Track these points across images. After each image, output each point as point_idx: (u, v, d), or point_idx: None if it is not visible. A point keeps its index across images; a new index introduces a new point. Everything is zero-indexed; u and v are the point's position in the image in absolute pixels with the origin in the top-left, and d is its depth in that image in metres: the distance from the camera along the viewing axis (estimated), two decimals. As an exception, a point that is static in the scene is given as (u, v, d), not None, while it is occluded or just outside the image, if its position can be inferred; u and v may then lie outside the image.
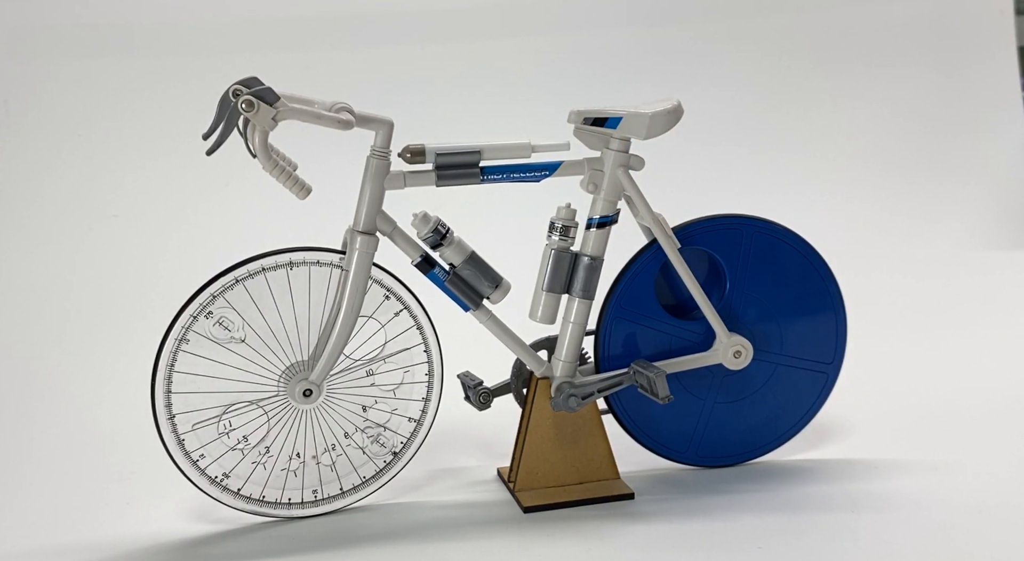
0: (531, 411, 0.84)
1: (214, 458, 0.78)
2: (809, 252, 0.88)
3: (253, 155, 0.72)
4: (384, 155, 0.76)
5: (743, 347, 0.85)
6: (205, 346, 0.76)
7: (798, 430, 0.91)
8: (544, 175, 0.80)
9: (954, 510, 0.79)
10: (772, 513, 0.80)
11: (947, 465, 0.88)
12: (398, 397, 0.82)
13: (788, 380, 0.89)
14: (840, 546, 0.74)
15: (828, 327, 0.89)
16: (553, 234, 0.81)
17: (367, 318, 0.80)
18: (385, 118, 0.76)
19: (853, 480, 0.86)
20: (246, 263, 0.77)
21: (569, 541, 0.76)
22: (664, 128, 0.80)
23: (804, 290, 0.88)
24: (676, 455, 0.89)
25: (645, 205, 0.82)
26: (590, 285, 0.82)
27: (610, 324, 0.85)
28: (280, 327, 0.78)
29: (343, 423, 0.81)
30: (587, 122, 0.79)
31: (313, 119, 0.72)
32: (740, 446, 0.90)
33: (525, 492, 0.84)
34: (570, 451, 0.85)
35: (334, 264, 0.79)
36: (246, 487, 0.79)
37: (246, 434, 0.79)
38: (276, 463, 0.80)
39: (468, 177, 0.79)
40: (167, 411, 0.76)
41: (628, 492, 0.84)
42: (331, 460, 0.81)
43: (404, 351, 0.82)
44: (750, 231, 0.86)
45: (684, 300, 0.88)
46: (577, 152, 0.80)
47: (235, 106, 0.69)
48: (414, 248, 0.79)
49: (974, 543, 0.73)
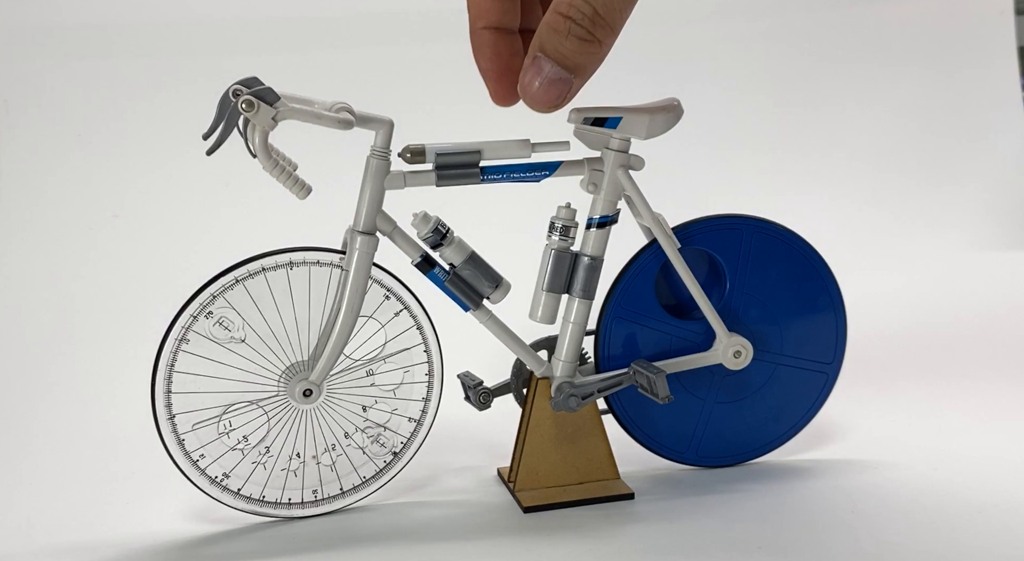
0: (531, 411, 0.84)
1: (214, 458, 0.78)
2: (809, 252, 0.88)
3: (253, 155, 0.72)
4: (384, 155, 0.76)
5: (743, 347, 0.85)
6: (205, 346, 0.76)
7: (798, 430, 0.91)
8: (544, 175, 0.80)
9: (954, 510, 0.79)
10: (772, 513, 0.80)
11: (947, 465, 0.88)
12: (398, 397, 0.82)
13: (788, 380, 0.89)
14: (840, 546, 0.74)
15: (828, 327, 0.89)
16: (553, 234, 0.81)
17: (367, 318, 0.80)
18: (385, 118, 0.76)
19: (853, 480, 0.86)
20: (246, 263, 0.77)
21: (569, 541, 0.76)
22: (664, 128, 0.80)
23: (804, 290, 0.88)
24: (676, 455, 0.89)
25: (645, 205, 0.82)
26: (590, 285, 0.82)
27: (610, 324, 0.85)
28: (280, 327, 0.78)
29: (343, 423, 0.81)
30: (587, 122, 0.79)
31: (313, 119, 0.72)
32: (740, 446, 0.90)
33: (525, 492, 0.84)
34: (570, 451, 0.85)
35: (334, 264, 0.79)
36: (246, 487, 0.79)
37: (246, 434, 0.79)
38: (276, 463, 0.80)
39: (468, 177, 0.78)
40: (167, 411, 0.76)
41: (628, 492, 0.84)
42: (331, 460, 0.81)
43: (404, 351, 0.82)
44: (750, 231, 0.86)
45: (684, 300, 0.88)
46: (577, 152, 0.81)
47: (235, 106, 0.69)
48: (414, 248, 0.79)
49: (974, 543, 0.73)
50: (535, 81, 0.67)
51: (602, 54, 0.67)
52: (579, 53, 0.66)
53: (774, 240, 0.87)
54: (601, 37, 0.65)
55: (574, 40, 0.65)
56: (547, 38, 0.66)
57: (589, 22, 0.65)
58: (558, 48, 0.65)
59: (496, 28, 0.75)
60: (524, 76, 0.67)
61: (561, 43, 0.65)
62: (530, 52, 0.67)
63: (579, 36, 0.65)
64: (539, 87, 0.66)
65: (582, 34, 0.65)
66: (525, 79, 0.67)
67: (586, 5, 0.65)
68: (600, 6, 0.64)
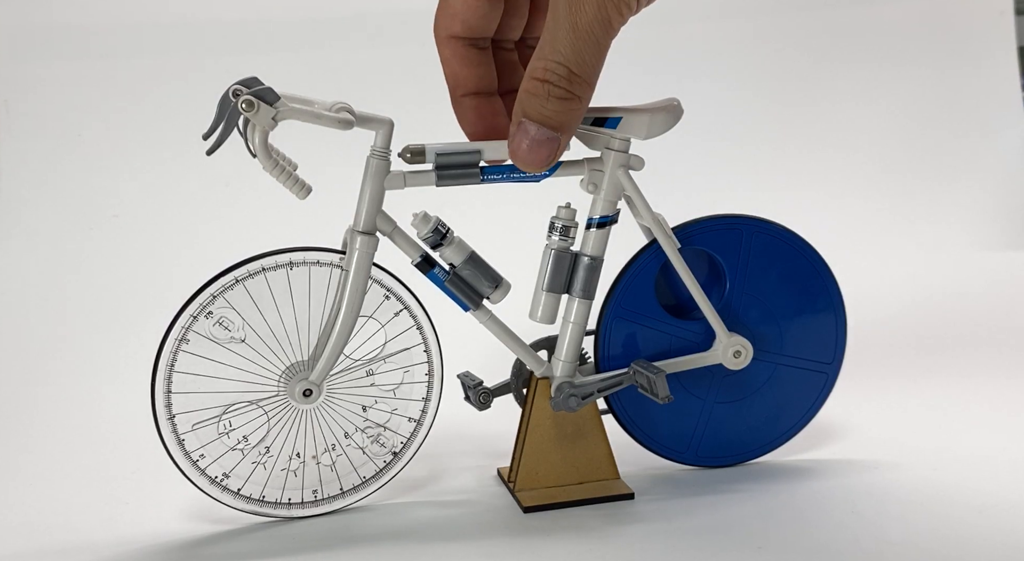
0: (531, 411, 0.84)
1: (214, 458, 0.78)
2: (808, 251, 0.88)
3: (253, 155, 0.72)
4: (384, 155, 0.76)
5: (743, 347, 0.85)
6: (205, 346, 0.76)
7: (798, 430, 0.91)
8: (544, 175, 0.80)
9: (955, 510, 0.79)
10: (772, 513, 0.80)
11: (947, 465, 0.88)
12: (398, 397, 0.82)
13: (788, 380, 0.89)
14: (840, 546, 0.74)
15: (828, 327, 0.89)
16: (553, 234, 0.81)
17: (367, 318, 0.80)
18: (385, 118, 0.76)
19: (853, 480, 0.86)
20: (246, 263, 0.77)
21: (569, 541, 0.76)
22: (664, 128, 0.80)
23: (804, 290, 0.88)
24: (676, 455, 0.89)
25: (645, 205, 0.82)
26: (590, 285, 0.82)
27: (610, 324, 0.85)
28: (280, 327, 0.78)
29: (343, 423, 0.81)
30: (587, 122, 0.79)
31: (313, 119, 0.72)
32: (740, 446, 0.90)
33: (525, 492, 0.84)
34: (570, 451, 0.85)
35: (334, 264, 0.79)
36: (246, 487, 0.79)
37: (246, 434, 0.79)
38: (276, 463, 0.80)
39: (468, 177, 0.78)
40: (167, 411, 0.76)
41: (628, 492, 0.84)
42: (331, 460, 0.81)
43: (404, 351, 0.82)
44: (750, 231, 0.86)
45: (684, 300, 0.88)
46: (577, 152, 0.81)
47: (235, 106, 0.70)
48: (414, 248, 0.79)
49: (975, 543, 0.73)
50: (523, 144, 0.69)
51: (583, 108, 0.69)
52: (561, 112, 0.68)
53: (774, 240, 0.87)
54: (579, 93, 0.68)
55: (554, 101, 0.67)
56: (528, 103, 0.68)
57: (566, 82, 0.67)
58: (540, 111, 0.68)
59: (476, 93, 0.78)
60: (512, 141, 0.70)
61: (543, 105, 0.68)
62: (514, 119, 0.70)
63: (558, 97, 0.67)
64: (528, 150, 0.69)
65: (561, 94, 0.67)
66: (513, 144, 0.70)
67: (560, 66, 0.67)
68: (574, 65, 0.67)
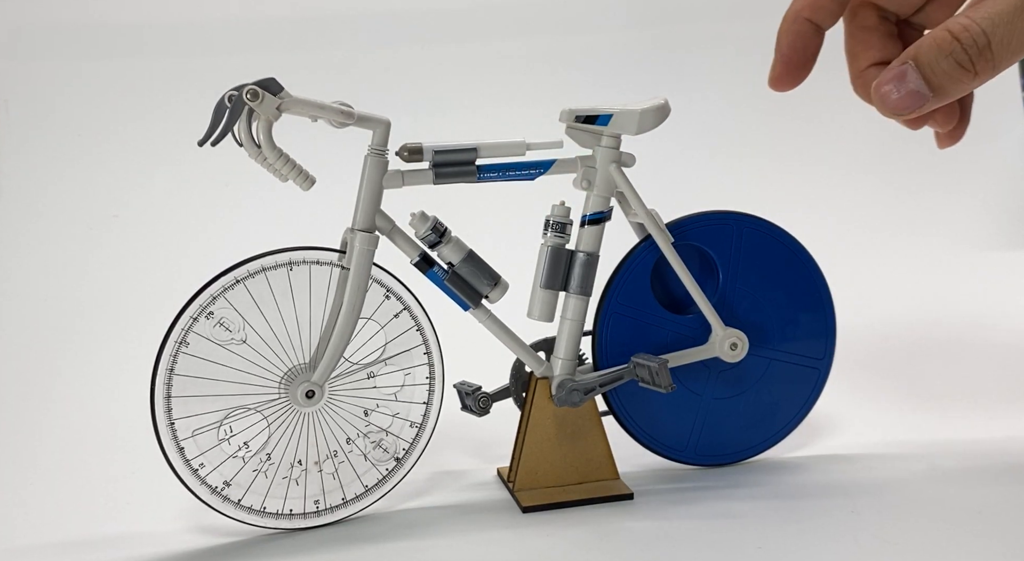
0: (531, 411, 0.84)
1: (214, 466, 0.77)
2: (796, 248, 0.88)
3: (240, 144, 0.72)
4: (382, 152, 0.77)
5: (739, 339, 0.86)
6: (206, 348, 0.76)
7: (794, 426, 0.91)
8: (538, 173, 0.81)
9: (955, 510, 0.79)
10: (771, 513, 0.80)
11: (947, 465, 0.88)
12: (399, 400, 0.82)
13: (782, 376, 0.89)
14: (840, 546, 0.74)
15: (818, 323, 0.90)
16: (548, 231, 0.82)
17: (367, 319, 0.80)
18: (382, 117, 0.76)
19: (852, 480, 0.86)
20: (246, 263, 0.77)
21: (569, 541, 0.76)
22: (653, 124, 0.81)
23: (793, 286, 0.89)
24: (676, 454, 0.89)
25: (638, 200, 0.82)
26: (587, 281, 0.82)
27: (607, 320, 0.85)
28: (281, 327, 0.78)
29: (345, 428, 0.81)
30: (578, 120, 0.80)
31: (316, 110, 0.73)
32: (738, 443, 0.90)
33: (524, 492, 0.84)
34: (570, 451, 0.85)
35: (334, 263, 0.79)
36: (247, 497, 0.78)
37: (246, 440, 0.78)
38: (277, 471, 0.79)
39: (465, 175, 0.79)
40: (167, 416, 0.75)
41: (628, 492, 0.84)
42: (334, 467, 0.81)
43: (404, 353, 0.82)
44: (740, 227, 0.86)
45: (677, 296, 0.88)
46: (570, 151, 0.81)
47: (239, 97, 0.70)
48: (412, 247, 0.79)
49: (975, 543, 0.73)
50: (893, 89, 0.63)
51: (972, 86, 0.62)
52: (950, 77, 0.61)
53: (763, 236, 0.87)
54: (980, 70, 0.61)
55: (951, 63, 0.61)
56: (926, 51, 0.61)
57: (976, 51, 0.60)
58: (932, 65, 0.61)
59: (812, 21, 0.73)
60: (884, 77, 0.63)
61: (937, 61, 0.61)
62: (901, 57, 0.63)
63: (959, 61, 0.61)
64: (895, 95, 0.63)
65: (963, 60, 0.61)
66: (884, 83, 0.63)
67: (982, 35, 0.60)
68: (996, 41, 0.60)
